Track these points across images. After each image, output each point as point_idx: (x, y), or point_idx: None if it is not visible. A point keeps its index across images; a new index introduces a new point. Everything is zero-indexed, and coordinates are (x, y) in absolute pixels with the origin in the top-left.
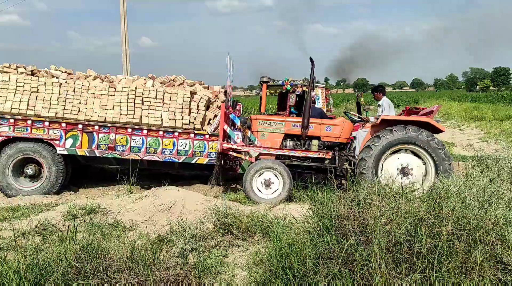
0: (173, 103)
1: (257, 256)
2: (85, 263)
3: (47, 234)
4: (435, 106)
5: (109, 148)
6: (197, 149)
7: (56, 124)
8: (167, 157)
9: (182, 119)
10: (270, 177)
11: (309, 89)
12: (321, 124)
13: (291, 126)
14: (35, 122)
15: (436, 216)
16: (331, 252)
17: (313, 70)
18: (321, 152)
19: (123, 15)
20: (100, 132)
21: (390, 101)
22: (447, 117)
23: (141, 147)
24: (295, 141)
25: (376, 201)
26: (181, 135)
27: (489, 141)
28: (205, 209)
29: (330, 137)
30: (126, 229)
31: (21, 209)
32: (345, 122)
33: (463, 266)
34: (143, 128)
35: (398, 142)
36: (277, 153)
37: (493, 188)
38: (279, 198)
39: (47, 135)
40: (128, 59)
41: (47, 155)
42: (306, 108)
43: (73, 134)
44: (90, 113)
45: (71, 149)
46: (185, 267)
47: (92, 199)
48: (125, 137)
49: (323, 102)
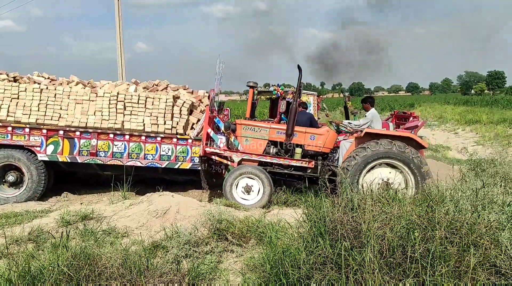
0: (155, 108)
1: (251, 261)
2: (78, 270)
3: (40, 241)
4: (421, 121)
5: (91, 154)
6: (180, 154)
7: (37, 131)
8: (149, 163)
9: (164, 124)
10: (251, 182)
11: (295, 97)
12: (306, 132)
13: (275, 133)
14: (16, 129)
15: (429, 220)
16: (325, 257)
17: (301, 78)
18: (304, 160)
19: (118, 21)
20: (82, 138)
21: (377, 114)
22: (442, 121)
23: (123, 153)
24: (279, 148)
25: (369, 205)
26: (164, 140)
27: (484, 144)
28: (200, 214)
29: (314, 146)
30: (120, 236)
31: (14, 216)
32: (329, 131)
33: (457, 270)
34: (125, 133)
35: (382, 156)
36: (260, 159)
37: (486, 192)
38: (259, 204)
39: (28, 141)
40: (123, 64)
41: (28, 161)
42: (291, 116)
43: (54, 140)
44: (71, 119)
45: (52, 155)
46: (179, 273)
47: (86, 205)
48: (107, 142)
49: (315, 109)
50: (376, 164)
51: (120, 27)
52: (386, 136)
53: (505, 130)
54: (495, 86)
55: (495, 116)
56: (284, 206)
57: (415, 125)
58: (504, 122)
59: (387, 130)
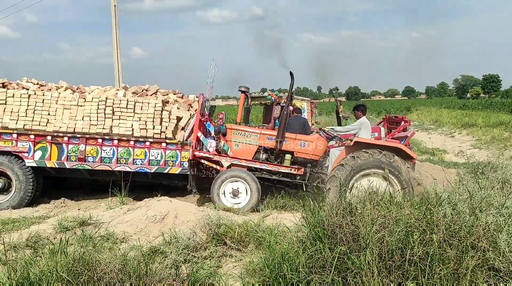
0: (144, 112)
1: (251, 266)
2: (77, 276)
3: (38, 247)
4: (410, 132)
5: (79, 159)
6: (170, 158)
7: (24, 136)
8: (138, 168)
9: (153, 129)
10: (235, 186)
11: (286, 103)
12: (296, 139)
13: (265, 139)
14: (3, 135)
15: (428, 223)
16: (324, 260)
17: (293, 84)
18: (293, 167)
19: (114, 27)
20: (70, 143)
21: (368, 123)
22: (438, 125)
23: (112, 158)
24: (268, 154)
25: (368, 209)
26: (153, 145)
27: (481, 147)
28: (198, 219)
29: (303, 153)
30: (118, 241)
31: (11, 222)
32: (319, 139)
33: (455, 273)
34: (113, 138)
35: (371, 166)
36: (249, 165)
37: (483, 194)
38: (245, 208)
39: (15, 147)
40: (120, 69)
41: (15, 168)
42: (282, 122)
43: (42, 146)
44: (59, 124)
45: (40, 161)
46: (178, 278)
47: (84, 211)
48: (95, 147)
49: (309, 115)
50: (364, 173)
51: (116, 33)
52: (375, 145)
53: (501, 133)
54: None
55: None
56: (282, 210)
57: (404, 135)
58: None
59: (377, 140)
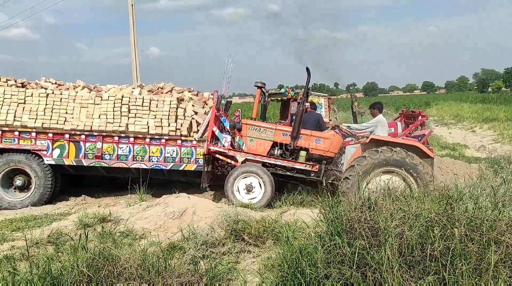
0: (159, 110)
1: (269, 261)
2: (97, 271)
3: (59, 243)
4: (428, 130)
5: (96, 157)
6: (185, 155)
7: (43, 135)
8: (154, 165)
9: (168, 126)
10: (248, 181)
11: (302, 99)
12: (311, 136)
13: (280, 135)
14: (22, 133)
15: (449, 218)
16: (343, 256)
17: (309, 80)
18: (308, 164)
19: (132, 26)
20: (87, 141)
21: (384, 120)
22: (458, 119)
23: (128, 155)
24: (283, 150)
25: (387, 203)
26: (168, 142)
27: (503, 142)
28: (216, 215)
29: (319, 150)
30: (138, 237)
31: (33, 219)
32: (335, 136)
33: (477, 268)
34: (129, 136)
35: (383, 164)
36: (264, 160)
37: (506, 189)
38: (261, 202)
39: (34, 145)
40: (137, 68)
41: (35, 165)
42: (297, 118)
43: (60, 144)
44: (76, 122)
45: (58, 159)
46: (197, 274)
47: (103, 208)
48: (112, 145)
49: (326, 111)
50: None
51: (134, 32)
52: (391, 143)
53: None
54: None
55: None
56: (300, 206)
57: (422, 134)
58: None
59: (393, 138)
